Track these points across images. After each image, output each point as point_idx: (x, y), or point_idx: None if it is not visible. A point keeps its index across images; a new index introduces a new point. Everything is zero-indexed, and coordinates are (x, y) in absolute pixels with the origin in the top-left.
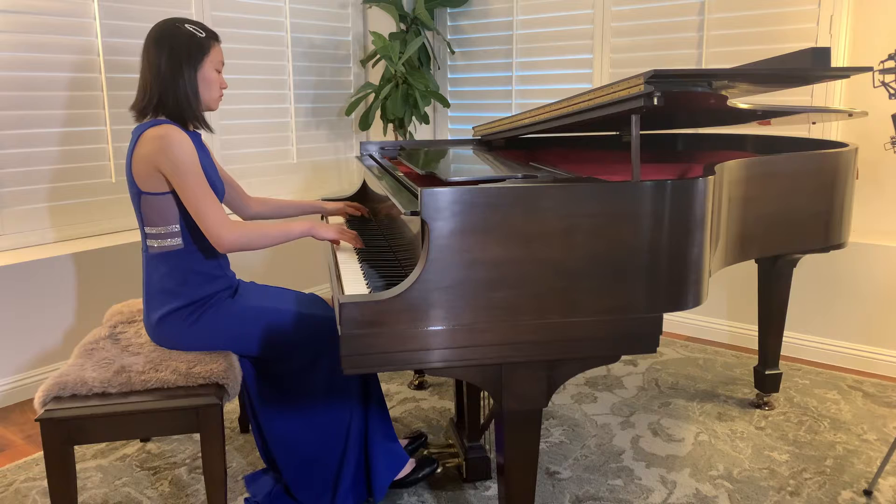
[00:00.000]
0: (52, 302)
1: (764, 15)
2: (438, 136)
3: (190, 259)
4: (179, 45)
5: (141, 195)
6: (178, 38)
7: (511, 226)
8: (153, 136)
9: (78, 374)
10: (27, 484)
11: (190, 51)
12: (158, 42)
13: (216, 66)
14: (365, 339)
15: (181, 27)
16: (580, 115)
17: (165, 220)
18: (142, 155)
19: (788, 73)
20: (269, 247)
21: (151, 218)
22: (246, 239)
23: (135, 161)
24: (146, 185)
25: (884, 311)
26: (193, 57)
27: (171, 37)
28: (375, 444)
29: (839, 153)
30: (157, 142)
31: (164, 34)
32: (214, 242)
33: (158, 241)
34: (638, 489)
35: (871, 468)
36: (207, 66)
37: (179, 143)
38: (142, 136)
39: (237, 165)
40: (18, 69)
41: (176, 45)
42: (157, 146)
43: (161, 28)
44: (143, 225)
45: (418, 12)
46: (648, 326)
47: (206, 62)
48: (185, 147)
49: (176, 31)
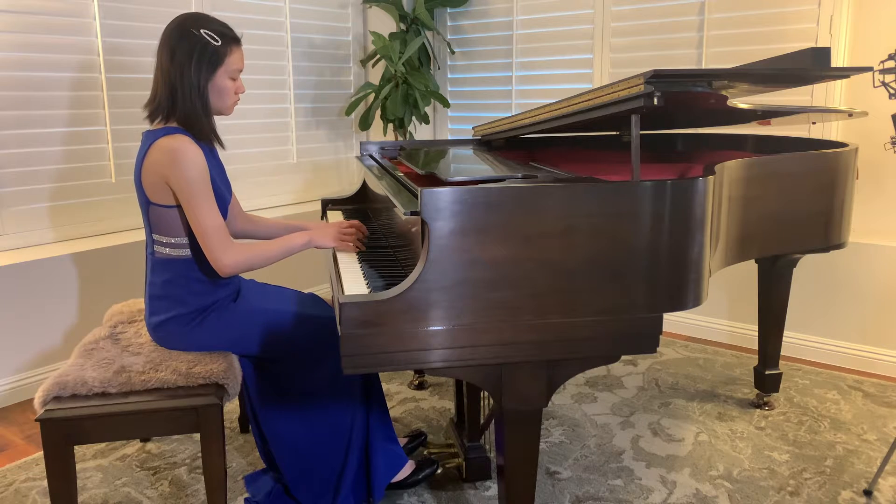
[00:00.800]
0: (53, 302)
1: (764, 15)
2: (438, 136)
3: (197, 269)
4: (192, 53)
5: (150, 205)
6: (190, 45)
7: (511, 226)
8: (164, 148)
9: (78, 374)
10: (27, 484)
11: (202, 60)
12: (170, 44)
13: (231, 75)
14: (365, 339)
15: (195, 32)
16: (580, 115)
17: (173, 232)
18: (152, 165)
19: (788, 73)
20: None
21: (160, 227)
22: (247, 264)
23: (145, 170)
24: (155, 196)
25: (884, 311)
26: (205, 67)
27: (184, 41)
28: (376, 445)
29: (839, 153)
30: (169, 155)
31: (177, 36)
32: (215, 266)
33: (166, 248)
34: (638, 489)
35: (871, 468)
36: (221, 75)
37: (191, 160)
38: (153, 145)
39: (237, 165)
40: (18, 69)
41: (188, 52)
42: (167, 159)
43: (176, 28)
44: (151, 231)
45: (418, 12)
46: (648, 326)
47: (220, 72)
48: (197, 163)
49: (189, 36)
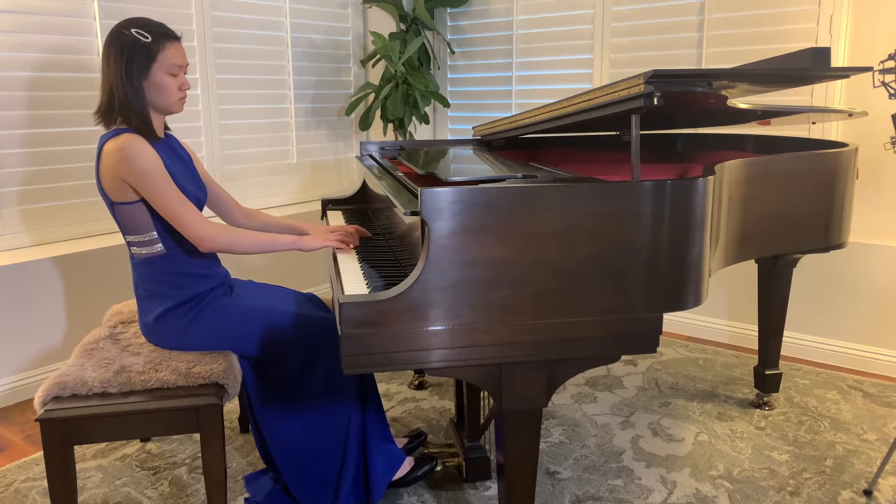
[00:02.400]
0: (53, 302)
1: (764, 15)
2: (438, 136)
3: (175, 262)
4: (122, 52)
5: (114, 205)
6: (121, 45)
7: (511, 226)
8: (112, 150)
9: (78, 374)
10: (27, 484)
11: (133, 58)
12: (106, 48)
13: (169, 70)
14: (365, 339)
15: (126, 32)
16: (580, 115)
17: (142, 229)
18: (106, 167)
19: (788, 73)
20: (253, 252)
21: (129, 227)
22: (229, 237)
23: (101, 174)
24: (116, 195)
25: (884, 311)
26: (137, 64)
27: (116, 43)
28: (373, 445)
29: (839, 153)
30: (117, 154)
31: (111, 39)
32: (196, 243)
33: (141, 248)
34: (638, 489)
35: (871, 468)
36: (156, 71)
37: (138, 153)
38: (103, 149)
39: (237, 165)
40: (19, 69)
41: (119, 52)
42: (116, 158)
43: (111, 33)
44: (124, 233)
45: (418, 12)
46: (648, 326)
47: (154, 68)
48: (146, 155)
49: (120, 36)
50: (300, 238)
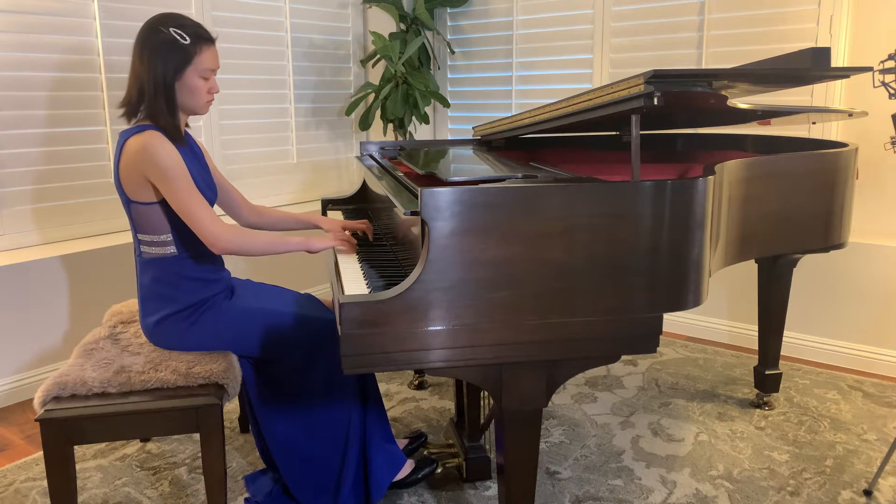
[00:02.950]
0: (52, 302)
1: (764, 15)
2: (438, 136)
3: (184, 266)
4: (158, 52)
5: (131, 204)
6: (157, 43)
7: (511, 226)
8: (135, 146)
9: (78, 374)
10: (27, 484)
11: (169, 59)
12: (141, 42)
13: (202, 74)
14: (365, 339)
15: (165, 31)
16: (580, 115)
17: (157, 230)
18: (127, 164)
19: (788, 73)
20: (264, 254)
21: (144, 226)
22: (242, 240)
23: (122, 170)
24: (135, 194)
25: (884, 311)
26: (173, 66)
27: (152, 40)
28: (373, 445)
29: (839, 153)
30: (141, 152)
31: (147, 35)
32: (210, 243)
33: (152, 248)
34: (638, 489)
35: (871, 468)
36: (190, 75)
37: (162, 150)
38: (125, 145)
39: (237, 165)
40: (18, 69)
41: (155, 51)
42: (140, 156)
43: (147, 28)
44: (136, 231)
45: (418, 12)
46: (648, 326)
47: (188, 71)
48: (169, 154)
49: (157, 34)
50: (308, 239)
